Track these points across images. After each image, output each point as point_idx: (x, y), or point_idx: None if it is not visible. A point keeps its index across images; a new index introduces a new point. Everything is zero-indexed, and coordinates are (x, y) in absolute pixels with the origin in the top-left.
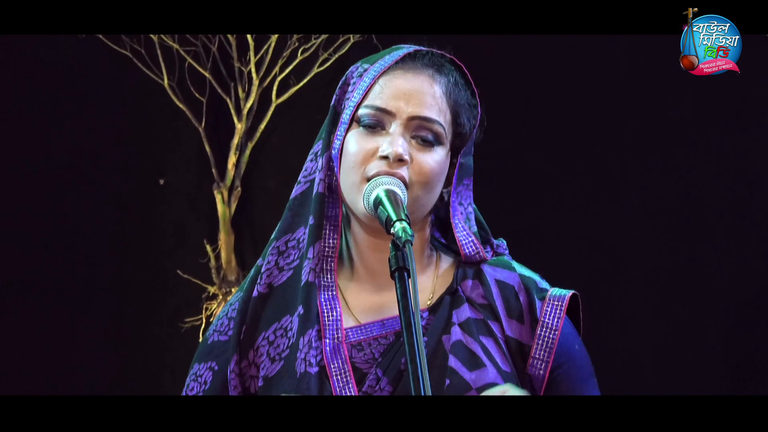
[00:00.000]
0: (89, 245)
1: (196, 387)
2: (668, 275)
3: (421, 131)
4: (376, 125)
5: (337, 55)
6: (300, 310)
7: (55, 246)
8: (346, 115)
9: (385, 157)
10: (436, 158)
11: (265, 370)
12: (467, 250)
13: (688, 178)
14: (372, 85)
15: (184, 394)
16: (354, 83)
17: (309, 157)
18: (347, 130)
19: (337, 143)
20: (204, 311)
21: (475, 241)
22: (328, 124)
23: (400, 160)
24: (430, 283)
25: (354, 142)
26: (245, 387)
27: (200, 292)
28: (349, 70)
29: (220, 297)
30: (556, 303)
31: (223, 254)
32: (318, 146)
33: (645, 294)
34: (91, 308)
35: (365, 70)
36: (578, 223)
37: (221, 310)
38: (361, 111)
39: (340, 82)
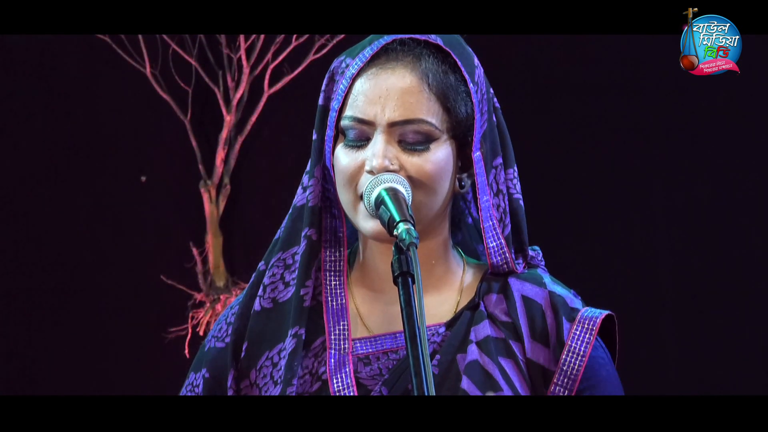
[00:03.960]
0: (63, 248)
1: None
2: (688, 279)
3: (406, 136)
4: (360, 138)
5: (334, 41)
6: (300, 331)
7: (27, 249)
8: (331, 119)
9: (372, 171)
10: (431, 159)
11: (267, 392)
12: (494, 259)
13: (687, 177)
14: (350, 88)
15: None
16: (338, 81)
17: (309, 161)
18: (335, 140)
19: (327, 149)
20: (190, 320)
21: (505, 249)
22: (318, 127)
23: (387, 171)
24: (453, 297)
25: (342, 157)
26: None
27: (186, 299)
28: (333, 64)
29: (208, 305)
30: (586, 326)
31: (210, 258)
32: (313, 151)
33: (671, 298)
34: (66, 317)
35: (347, 66)
36: (586, 225)
37: (222, 314)
38: (344, 123)
39: (326, 79)
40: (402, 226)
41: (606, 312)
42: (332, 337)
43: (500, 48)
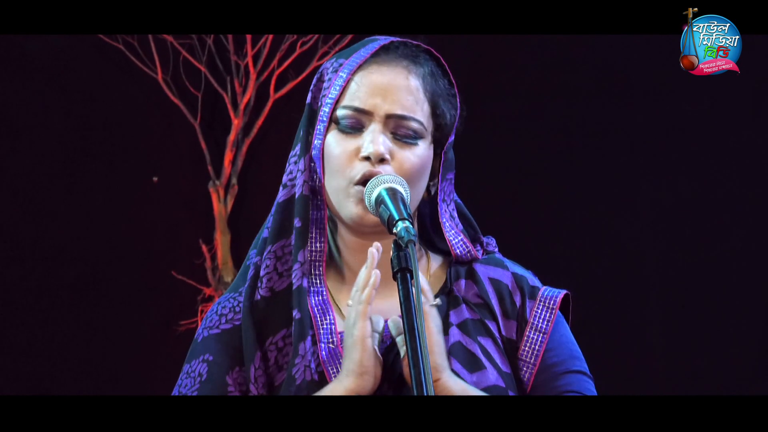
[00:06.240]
0: (79, 245)
1: (190, 383)
2: (675, 276)
3: (399, 129)
4: (354, 126)
5: (337, 48)
6: (296, 314)
7: (44, 247)
8: (324, 114)
9: (367, 158)
10: (417, 153)
11: (271, 378)
12: (458, 251)
13: (686, 177)
14: (348, 82)
15: (175, 393)
16: (329, 79)
17: (290, 159)
18: (326, 130)
19: (317, 143)
20: (199, 314)
21: (465, 241)
22: (305, 123)
23: (381, 160)
24: (423, 283)
25: (335, 145)
26: (246, 390)
27: (195, 294)
28: (323, 65)
29: (216, 299)
30: (547, 304)
31: (219, 254)
32: (298, 148)
33: (655, 294)
34: (81, 311)
35: (340, 66)
36: (583, 224)
37: (209, 310)
38: (340, 112)
39: (315, 79)
40: (401, 225)
41: (564, 291)
42: (321, 331)
43: (500, 47)
